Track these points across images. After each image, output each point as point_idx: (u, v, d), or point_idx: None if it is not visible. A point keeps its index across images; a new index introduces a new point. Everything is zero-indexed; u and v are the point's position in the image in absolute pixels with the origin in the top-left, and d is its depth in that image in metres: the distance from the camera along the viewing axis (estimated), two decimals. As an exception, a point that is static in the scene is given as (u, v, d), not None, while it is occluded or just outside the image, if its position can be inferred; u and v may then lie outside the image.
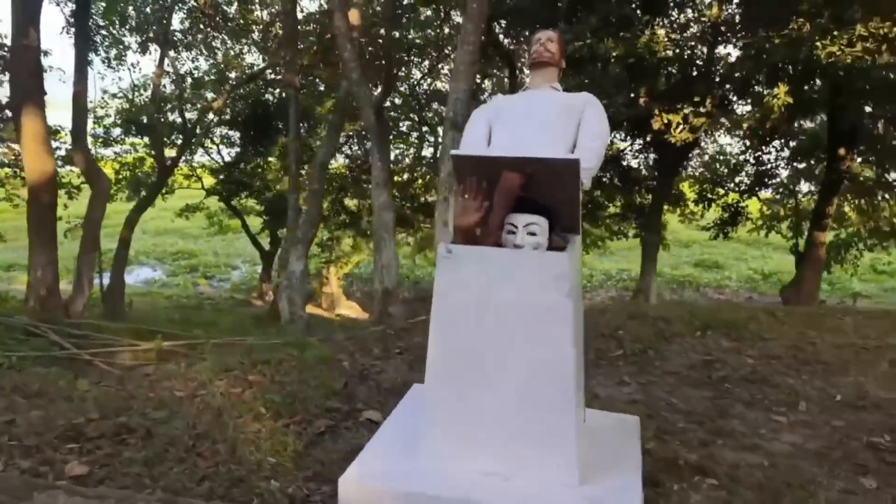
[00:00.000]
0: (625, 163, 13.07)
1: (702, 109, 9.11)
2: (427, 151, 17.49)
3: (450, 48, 14.65)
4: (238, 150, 17.21)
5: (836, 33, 8.58)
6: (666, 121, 9.00)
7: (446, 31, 13.19)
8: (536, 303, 2.27)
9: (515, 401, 2.33)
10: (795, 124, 12.74)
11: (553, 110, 2.62)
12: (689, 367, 4.37)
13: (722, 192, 14.38)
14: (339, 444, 3.08)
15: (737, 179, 14.40)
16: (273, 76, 15.59)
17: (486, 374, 2.35)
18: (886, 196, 14.34)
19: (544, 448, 2.32)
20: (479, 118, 2.81)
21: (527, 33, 9.73)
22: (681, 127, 9.08)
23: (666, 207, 13.69)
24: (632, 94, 9.19)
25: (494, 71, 13.79)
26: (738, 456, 3.08)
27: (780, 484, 2.80)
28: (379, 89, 8.84)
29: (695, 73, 9.50)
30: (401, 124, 16.46)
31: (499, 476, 2.34)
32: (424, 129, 16.56)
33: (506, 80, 12.83)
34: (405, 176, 16.87)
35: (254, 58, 17.30)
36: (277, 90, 16.07)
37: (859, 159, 12.89)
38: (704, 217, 15.13)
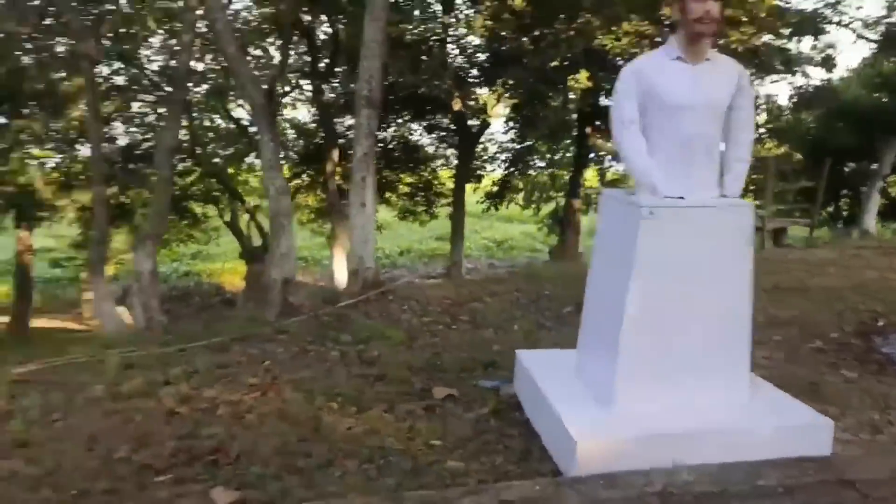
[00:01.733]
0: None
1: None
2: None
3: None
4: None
5: (613, 28, 10.18)
6: (482, 102, 9.76)
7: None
8: (724, 251, 2.60)
9: (702, 340, 2.64)
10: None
11: (719, 106, 2.68)
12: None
13: (490, 168, 15.91)
14: (464, 420, 3.03)
15: (502, 157, 15.98)
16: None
17: (679, 320, 2.61)
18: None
19: (725, 376, 2.69)
20: (630, 106, 2.66)
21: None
22: (495, 107, 9.92)
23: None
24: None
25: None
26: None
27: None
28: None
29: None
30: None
31: (689, 407, 2.64)
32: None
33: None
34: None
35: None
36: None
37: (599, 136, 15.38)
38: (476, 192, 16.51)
